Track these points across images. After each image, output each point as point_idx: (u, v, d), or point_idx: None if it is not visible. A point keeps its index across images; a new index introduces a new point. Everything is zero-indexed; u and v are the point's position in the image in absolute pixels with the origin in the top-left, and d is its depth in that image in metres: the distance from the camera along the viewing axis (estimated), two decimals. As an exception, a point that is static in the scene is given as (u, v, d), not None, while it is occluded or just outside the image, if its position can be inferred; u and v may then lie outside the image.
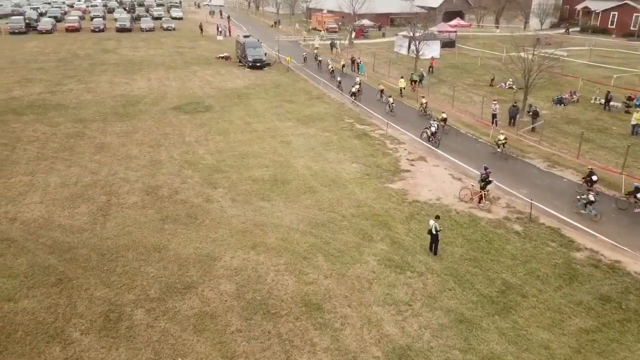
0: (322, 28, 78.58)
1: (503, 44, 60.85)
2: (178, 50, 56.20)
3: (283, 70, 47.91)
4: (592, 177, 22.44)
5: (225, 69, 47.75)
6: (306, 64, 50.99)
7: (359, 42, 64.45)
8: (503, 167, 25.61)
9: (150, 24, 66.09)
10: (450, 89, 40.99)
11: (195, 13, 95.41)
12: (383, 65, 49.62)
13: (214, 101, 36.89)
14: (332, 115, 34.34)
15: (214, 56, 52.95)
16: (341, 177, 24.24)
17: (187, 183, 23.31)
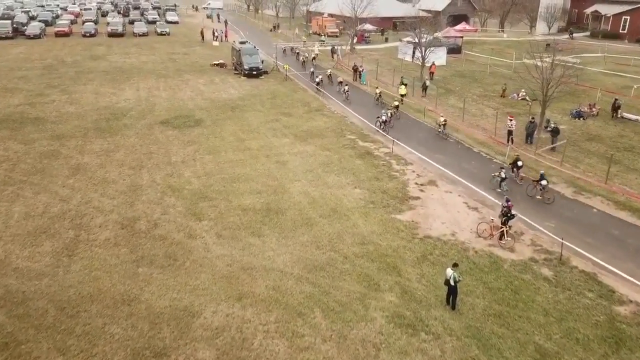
0: (322, 32, 75.98)
1: (511, 50, 58.24)
2: (171, 56, 53.60)
3: (281, 79, 45.28)
4: (518, 163, 24.10)
5: (219, 78, 45.11)
6: (305, 70, 48.39)
7: (360, 48, 61.84)
8: (525, 196, 22.90)
9: (144, 28, 63.49)
10: (459, 100, 38.31)
11: (192, 17, 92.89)
12: (386, 73, 46.98)
13: (205, 114, 34.23)
14: (332, 130, 31.67)
15: (209, 63, 50.35)
16: (342, 205, 21.56)
17: (168, 214, 20.63)
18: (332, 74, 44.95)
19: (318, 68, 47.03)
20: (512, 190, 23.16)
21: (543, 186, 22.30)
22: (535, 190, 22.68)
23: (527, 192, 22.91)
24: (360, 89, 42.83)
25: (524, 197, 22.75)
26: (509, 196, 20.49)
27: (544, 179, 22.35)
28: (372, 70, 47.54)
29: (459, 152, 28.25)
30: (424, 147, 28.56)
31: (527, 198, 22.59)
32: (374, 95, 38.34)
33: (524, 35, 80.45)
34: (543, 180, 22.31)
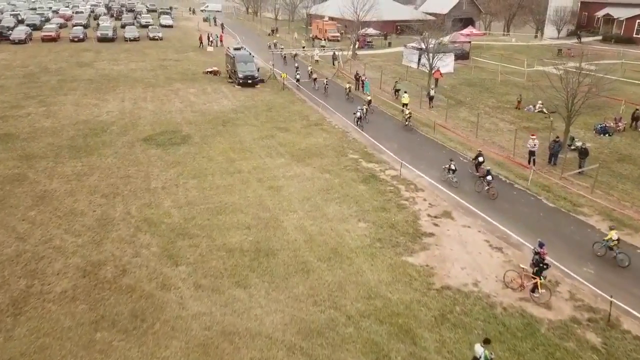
0: (323, 37, 73.02)
1: (522, 56, 55.26)
2: (162, 63, 50.60)
3: (278, 89, 42.26)
4: (479, 159, 24.46)
5: (212, 87, 42.10)
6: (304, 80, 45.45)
7: (363, 53, 58.81)
8: (554, 232, 19.85)
9: (135, 33, 60.50)
10: (471, 112, 35.35)
11: (188, 20, 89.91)
12: (391, 82, 43.92)
13: (193, 129, 31.21)
14: (333, 148, 28.64)
15: (202, 71, 47.32)
16: (345, 244, 18.53)
17: (140, 256, 17.61)
18: (313, 71, 44.81)
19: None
20: (461, 183, 23.75)
21: (488, 182, 22.46)
22: (482, 185, 22.97)
23: (475, 188, 23.37)
24: (363, 100, 39.79)
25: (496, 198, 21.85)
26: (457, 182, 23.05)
27: (490, 175, 22.55)
28: (376, 79, 44.50)
29: (476, 176, 25.18)
30: (435, 169, 25.50)
31: (507, 208, 19.58)
32: (345, 90, 39.97)
33: (532, 40, 77.57)
34: (489, 176, 22.48)
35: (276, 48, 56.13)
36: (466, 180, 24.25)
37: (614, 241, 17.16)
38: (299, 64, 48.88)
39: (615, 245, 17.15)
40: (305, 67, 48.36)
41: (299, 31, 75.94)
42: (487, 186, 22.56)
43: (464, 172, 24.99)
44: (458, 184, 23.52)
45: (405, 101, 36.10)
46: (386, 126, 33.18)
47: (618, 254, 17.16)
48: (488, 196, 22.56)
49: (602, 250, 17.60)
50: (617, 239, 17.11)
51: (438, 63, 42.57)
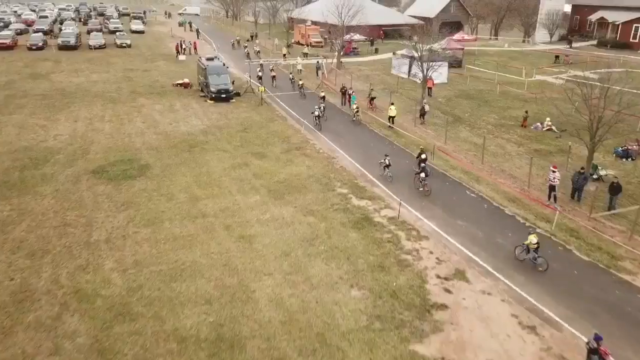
0: (305, 42, 68.84)
1: (518, 63, 51.77)
2: (128, 74, 45.84)
3: (255, 104, 37.85)
4: (422, 156, 24.00)
5: (181, 102, 37.54)
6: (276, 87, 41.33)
7: (348, 61, 54.68)
8: (597, 300, 15.82)
9: (100, 40, 55.48)
10: (472, 131, 31.50)
11: (163, 24, 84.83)
12: (380, 93, 39.86)
13: (154, 157, 26.71)
14: (317, 179, 24.39)
15: (171, 83, 42.70)
16: (334, 326, 14.30)
17: (60, 353, 13.10)
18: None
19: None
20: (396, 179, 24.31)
21: (422, 178, 22.55)
22: (418, 183, 22.96)
23: (414, 185, 23.29)
24: (348, 115, 35.66)
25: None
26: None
27: (425, 172, 22.63)
28: (363, 91, 40.37)
29: (488, 216, 21.16)
30: (440, 208, 21.42)
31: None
32: (297, 85, 40.38)
33: (524, 44, 74.32)
34: (422, 173, 22.57)
35: (250, 57, 51.77)
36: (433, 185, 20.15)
37: (534, 244, 16.70)
38: (278, 73, 44.54)
39: (535, 250, 16.74)
40: (285, 78, 44.10)
41: (279, 37, 71.58)
42: (422, 182, 22.61)
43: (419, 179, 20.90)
44: (392, 179, 23.97)
45: (392, 113, 32.65)
46: (377, 147, 29.03)
47: (537, 257, 16.82)
48: (423, 193, 22.70)
49: (523, 255, 17.29)
50: (536, 243, 16.67)
51: (431, 73, 38.62)
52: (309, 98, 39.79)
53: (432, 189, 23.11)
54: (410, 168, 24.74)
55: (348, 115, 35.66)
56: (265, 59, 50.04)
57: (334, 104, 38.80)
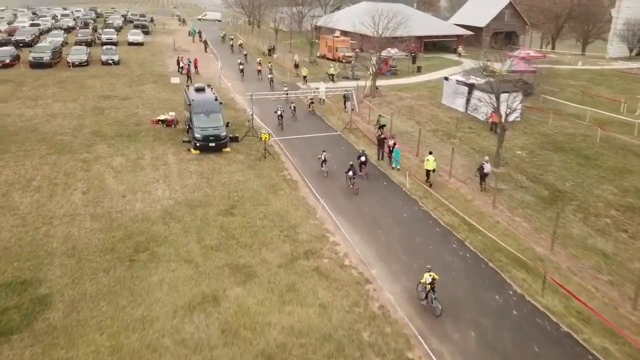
0: (333, 56, 57.80)
1: (602, 89, 39.50)
2: (101, 104, 35.54)
3: (256, 156, 26.89)
4: (361, 158, 23.81)
5: (153, 153, 26.87)
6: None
7: (385, 84, 43.24)
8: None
9: (82, 55, 45.43)
10: (587, 222, 19.77)
11: (171, 34, 74.79)
12: (431, 137, 28.58)
13: (68, 276, 16.04)
14: (338, 346, 13.17)
15: (151, 118, 32.15)
16: None
17: None
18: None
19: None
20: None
21: (350, 177, 22.40)
22: (348, 182, 22.37)
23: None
24: (392, 181, 24.37)
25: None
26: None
27: (352, 170, 22.41)
28: (408, 135, 29.09)
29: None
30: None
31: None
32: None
33: (598, 60, 61.32)
34: (350, 172, 22.41)
35: (272, 83, 41.21)
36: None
37: (427, 284, 14.21)
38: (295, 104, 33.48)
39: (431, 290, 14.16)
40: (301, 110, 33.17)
41: (302, 49, 60.62)
42: (351, 180, 22.32)
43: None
44: (327, 174, 23.89)
45: (429, 167, 22.90)
46: (438, 254, 17.59)
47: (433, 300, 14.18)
48: (352, 191, 21.94)
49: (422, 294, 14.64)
50: (430, 283, 14.12)
51: (500, 105, 27.03)
52: (333, 142, 28.70)
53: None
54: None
55: (387, 177, 24.41)
56: (285, 86, 39.12)
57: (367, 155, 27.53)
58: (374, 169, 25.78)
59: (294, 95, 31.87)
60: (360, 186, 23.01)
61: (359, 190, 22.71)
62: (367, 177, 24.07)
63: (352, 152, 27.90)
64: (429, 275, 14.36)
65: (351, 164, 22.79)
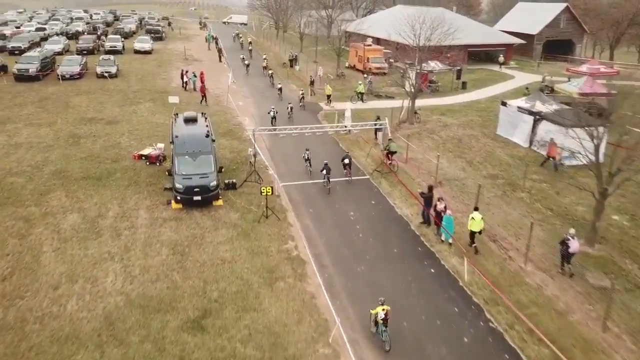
0: (363, 67, 50.75)
1: None
2: (79, 130, 29.43)
3: (254, 215, 20.08)
4: (345, 160, 23.13)
5: (122, 207, 20.40)
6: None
7: (424, 105, 35.88)
8: None
9: (75, 67, 39.46)
10: None
11: (187, 39, 68.90)
12: (488, 187, 21.37)
13: None
14: None
15: (133, 152, 25.73)
16: None
17: None
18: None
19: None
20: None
21: (325, 175, 22.05)
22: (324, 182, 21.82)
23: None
24: (442, 265, 17.21)
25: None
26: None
27: (326, 169, 22.07)
28: (459, 184, 21.90)
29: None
30: None
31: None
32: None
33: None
34: (324, 170, 22.06)
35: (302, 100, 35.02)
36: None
37: (381, 319, 13.04)
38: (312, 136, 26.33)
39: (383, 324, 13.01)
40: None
41: (328, 58, 53.68)
42: (326, 180, 22.11)
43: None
44: (312, 173, 23.02)
45: (475, 227, 17.46)
46: None
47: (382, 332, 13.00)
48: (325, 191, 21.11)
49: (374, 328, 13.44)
50: (383, 318, 12.97)
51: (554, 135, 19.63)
52: (359, 192, 21.70)
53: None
54: None
55: (434, 257, 17.24)
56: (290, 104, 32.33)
57: (404, 217, 20.39)
58: (415, 241, 18.61)
59: (308, 130, 24.66)
60: (397, 273, 16.03)
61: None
62: (351, 182, 23.13)
63: (386, 212, 20.81)
64: (381, 309, 13.12)
65: (326, 162, 22.32)
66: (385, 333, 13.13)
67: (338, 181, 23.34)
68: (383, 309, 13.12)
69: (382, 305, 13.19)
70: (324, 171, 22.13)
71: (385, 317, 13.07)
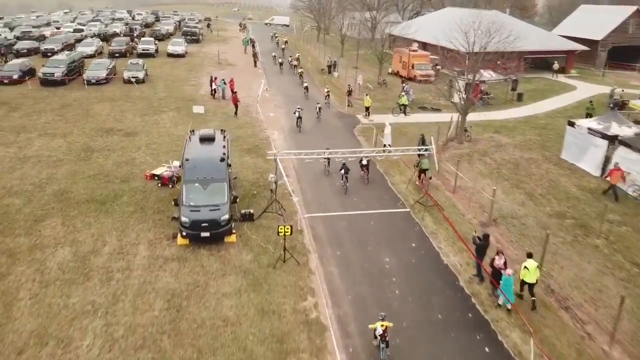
0: (407, 75, 47.08)
1: None
2: (94, 142, 27.24)
3: (270, 258, 16.98)
4: (363, 161, 22.44)
5: (120, 241, 17.84)
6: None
7: (474, 121, 31.79)
8: None
9: (102, 71, 37.57)
10: None
11: (225, 41, 66.87)
12: (555, 231, 17.48)
13: None
14: None
15: (146, 171, 23.16)
16: None
17: None
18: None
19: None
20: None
21: (342, 175, 21.72)
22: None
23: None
24: (500, 343, 13.51)
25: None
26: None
27: (344, 169, 21.61)
28: (518, 223, 18.16)
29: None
30: None
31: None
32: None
33: None
34: (342, 170, 21.67)
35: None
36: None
37: (379, 335, 12.45)
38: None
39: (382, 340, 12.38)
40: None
41: (368, 64, 50.15)
42: (344, 180, 21.76)
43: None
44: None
45: (530, 278, 14.45)
46: None
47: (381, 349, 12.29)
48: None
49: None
50: (381, 334, 12.33)
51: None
52: (395, 229, 18.28)
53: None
54: None
55: (488, 329, 13.62)
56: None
57: (451, 267, 16.80)
58: (465, 304, 14.98)
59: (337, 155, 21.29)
60: (442, 350, 12.57)
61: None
62: (369, 182, 22.55)
63: (429, 260, 17.27)
64: (380, 325, 12.40)
65: (343, 162, 21.46)
66: (384, 351, 12.44)
67: (373, 214, 19.98)
68: (382, 324, 12.43)
69: (382, 321, 12.51)
70: (342, 170, 21.75)
71: (383, 333, 12.38)
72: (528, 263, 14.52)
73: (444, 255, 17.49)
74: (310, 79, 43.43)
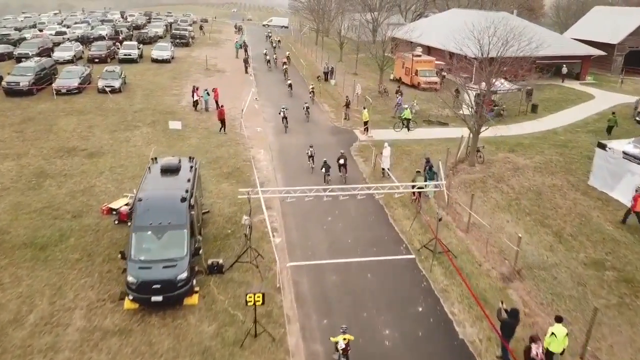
0: (410, 82, 43.55)
1: None
2: (50, 164, 23.71)
3: (238, 329, 13.44)
4: (340, 160, 22.23)
5: (51, 306, 14.38)
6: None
7: (485, 137, 27.99)
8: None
9: (74, 80, 33.92)
10: None
11: (217, 44, 63.28)
12: (594, 286, 13.86)
13: None
14: None
15: (102, 204, 19.58)
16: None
17: None
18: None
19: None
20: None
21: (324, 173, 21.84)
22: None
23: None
24: None
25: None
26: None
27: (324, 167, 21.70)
28: (548, 275, 14.48)
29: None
30: None
31: None
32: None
33: None
34: (322, 168, 21.78)
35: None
36: None
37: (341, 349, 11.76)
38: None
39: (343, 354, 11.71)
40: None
41: (369, 71, 46.49)
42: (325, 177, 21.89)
43: None
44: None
45: (555, 347, 11.62)
46: None
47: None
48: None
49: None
50: (343, 348, 11.66)
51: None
52: (397, 284, 14.69)
53: None
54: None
55: None
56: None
57: (468, 344, 13.17)
58: None
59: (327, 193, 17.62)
60: None
61: None
62: (346, 181, 21.74)
63: (440, 332, 13.65)
64: (342, 339, 11.69)
65: (325, 160, 21.90)
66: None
67: (371, 262, 16.41)
68: (344, 338, 11.75)
69: (344, 334, 11.79)
70: (323, 169, 21.97)
71: (345, 348, 11.76)
72: (556, 329, 11.71)
73: (458, 324, 13.88)
74: (298, 77, 39.80)
